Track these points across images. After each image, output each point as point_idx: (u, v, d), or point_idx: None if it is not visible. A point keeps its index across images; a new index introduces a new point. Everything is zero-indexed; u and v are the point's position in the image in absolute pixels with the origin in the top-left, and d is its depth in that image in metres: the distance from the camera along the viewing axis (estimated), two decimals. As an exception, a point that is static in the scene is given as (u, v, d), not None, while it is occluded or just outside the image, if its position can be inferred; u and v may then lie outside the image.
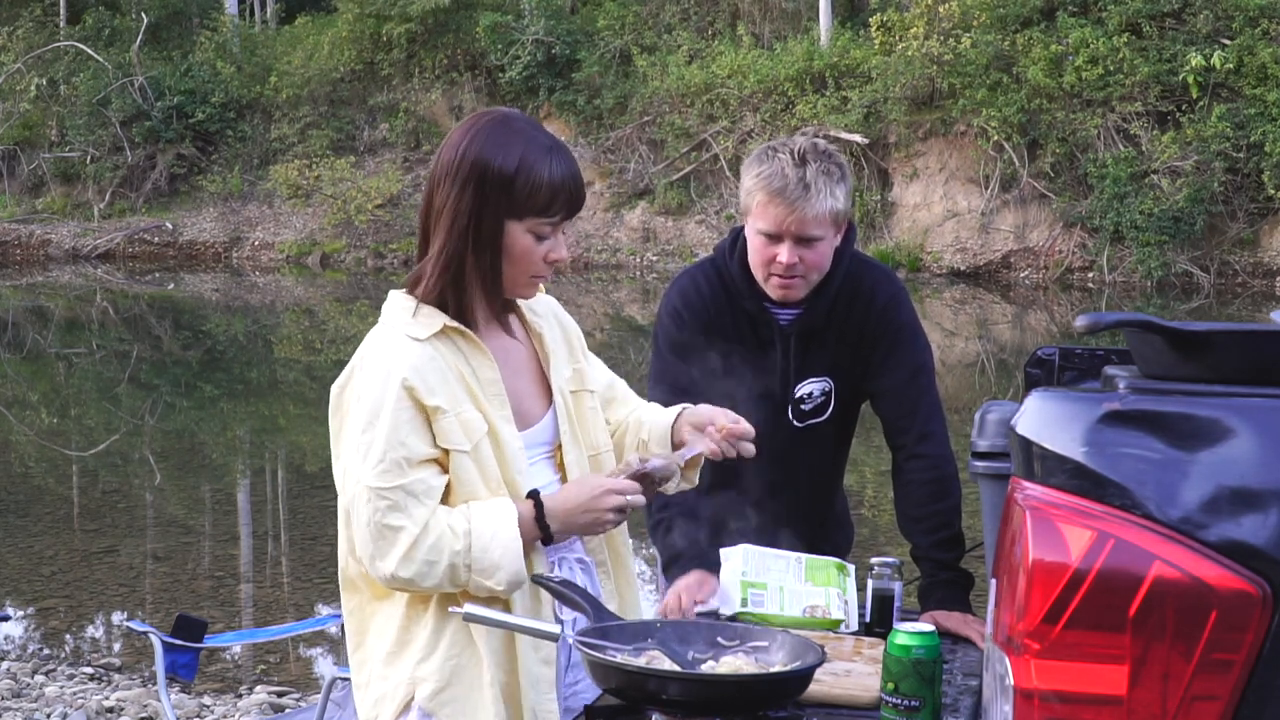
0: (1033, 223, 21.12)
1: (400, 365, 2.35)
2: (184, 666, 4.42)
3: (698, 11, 25.49)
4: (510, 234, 2.38)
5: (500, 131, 2.39)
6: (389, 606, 2.47)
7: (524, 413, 2.50)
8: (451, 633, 2.42)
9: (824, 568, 2.92)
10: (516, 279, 2.44)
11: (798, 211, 2.96)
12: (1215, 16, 20.43)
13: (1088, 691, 1.84)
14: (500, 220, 2.37)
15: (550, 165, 2.37)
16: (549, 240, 2.41)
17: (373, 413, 2.34)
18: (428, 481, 2.35)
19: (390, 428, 2.33)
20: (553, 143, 2.41)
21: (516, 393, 2.50)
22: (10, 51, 27.82)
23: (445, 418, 2.36)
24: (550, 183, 2.36)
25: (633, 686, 2.20)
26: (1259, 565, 1.81)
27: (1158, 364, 2.06)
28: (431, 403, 2.34)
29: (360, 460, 2.35)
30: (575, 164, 2.43)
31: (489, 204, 2.36)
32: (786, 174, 2.97)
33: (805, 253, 3.01)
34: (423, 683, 2.42)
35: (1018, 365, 14.00)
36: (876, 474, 9.05)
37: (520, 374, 2.53)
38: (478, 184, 2.36)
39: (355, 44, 26.30)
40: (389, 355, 2.37)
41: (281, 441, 12.16)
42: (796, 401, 3.18)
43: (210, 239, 25.76)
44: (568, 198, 2.39)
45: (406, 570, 2.32)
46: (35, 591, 7.50)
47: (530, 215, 2.37)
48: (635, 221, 23.43)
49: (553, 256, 2.42)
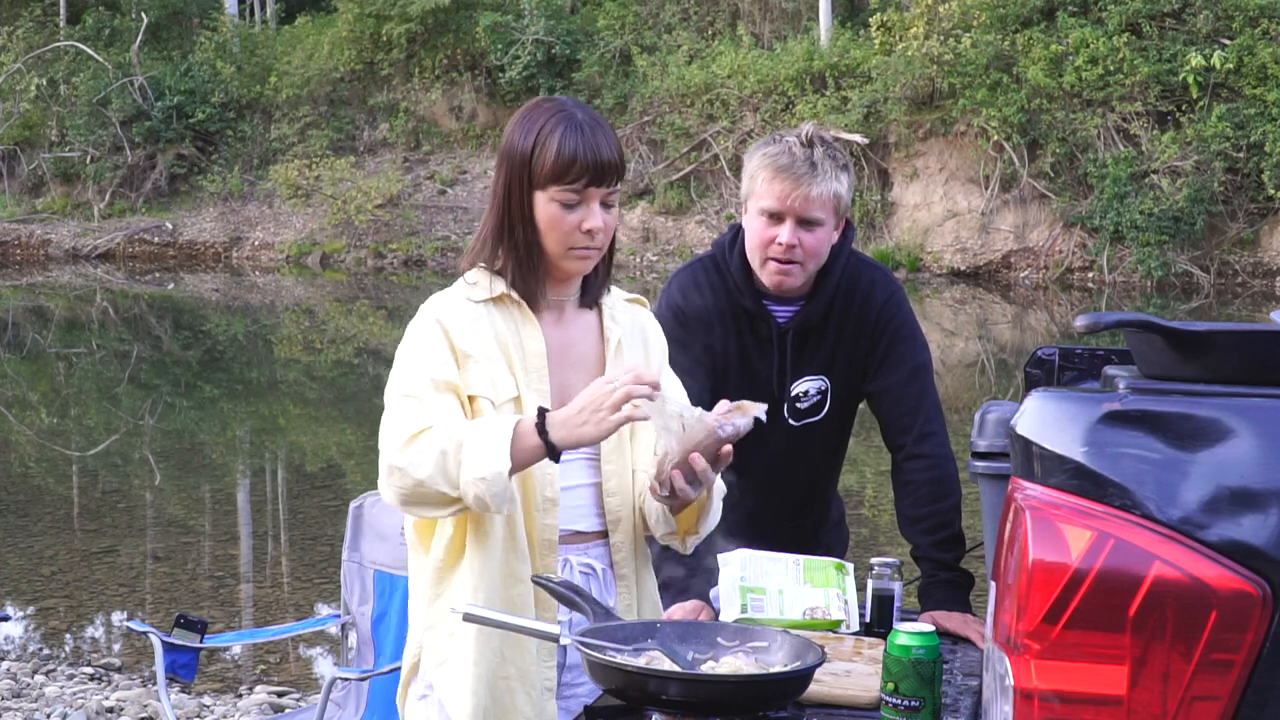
0: (1033, 223, 21.12)
1: (441, 311, 2.50)
2: (184, 666, 4.41)
3: (698, 11, 25.49)
4: (538, 204, 2.48)
5: (529, 113, 2.53)
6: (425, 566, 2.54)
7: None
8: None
9: (823, 568, 2.92)
10: (555, 250, 2.50)
11: (803, 187, 2.97)
12: (1215, 16, 20.43)
13: (1088, 691, 1.84)
14: (527, 193, 2.48)
15: (564, 135, 2.45)
16: (579, 209, 2.47)
17: (410, 344, 2.50)
18: (447, 403, 2.43)
19: (422, 353, 2.47)
20: (580, 116, 2.48)
21: (565, 384, 2.53)
22: (10, 51, 27.81)
23: (475, 365, 2.46)
24: (561, 150, 2.44)
25: (633, 686, 2.20)
26: (1259, 565, 1.81)
27: (1158, 364, 2.06)
28: (464, 349, 2.47)
29: (394, 377, 2.49)
30: (600, 135, 2.48)
31: (516, 179, 2.49)
32: (794, 152, 3.00)
33: (805, 236, 3.01)
34: (428, 649, 2.52)
35: (1018, 365, 14.00)
36: (876, 474, 9.05)
37: (576, 369, 2.56)
38: (508, 163, 2.51)
39: (355, 44, 26.30)
40: (436, 305, 2.52)
41: (281, 441, 12.16)
42: (792, 400, 3.17)
43: (210, 239, 25.75)
44: (585, 166, 2.45)
45: (402, 459, 2.37)
46: (35, 591, 7.50)
47: (551, 184, 2.46)
48: (635, 221, 23.43)
49: (586, 225, 2.47)
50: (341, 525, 4.32)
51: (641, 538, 2.64)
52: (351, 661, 4.19)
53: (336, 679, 4.06)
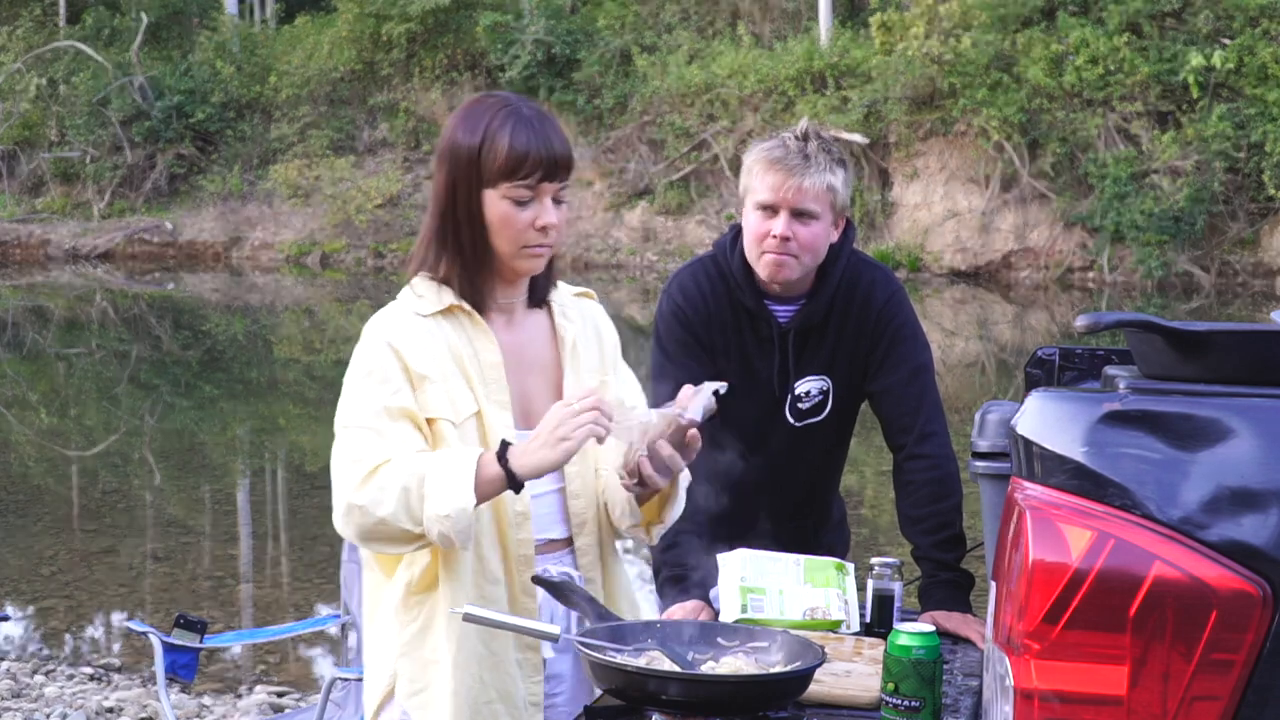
0: (1033, 223, 21.12)
1: (392, 332, 2.41)
2: (184, 666, 4.41)
3: (698, 11, 25.49)
4: (488, 203, 2.40)
5: (472, 109, 2.44)
6: (390, 590, 2.47)
7: (530, 414, 2.47)
8: (435, 635, 2.42)
9: (823, 568, 2.91)
10: (506, 249, 2.42)
11: (795, 178, 2.98)
12: (1215, 16, 20.43)
13: (1088, 692, 1.84)
14: (475, 191, 2.40)
15: (513, 130, 2.37)
16: (532, 206, 2.39)
17: (360, 370, 2.41)
18: (404, 432, 2.36)
19: (373, 380, 2.39)
20: (527, 111, 2.41)
21: (525, 391, 2.48)
22: (10, 51, 27.81)
23: (432, 387, 2.39)
24: (513, 146, 2.36)
25: (633, 686, 2.20)
26: (1259, 565, 1.81)
27: (1158, 364, 2.06)
28: (419, 370, 2.39)
29: (343, 406, 2.41)
30: (550, 130, 2.41)
31: (463, 178, 2.40)
32: (788, 145, 3.03)
33: (799, 229, 3.01)
34: (402, 678, 2.44)
35: (1018, 365, 14.00)
36: (876, 474, 9.05)
37: (534, 373, 2.51)
38: (451, 161, 2.41)
39: (355, 44, 26.30)
40: (384, 325, 2.44)
41: (281, 441, 12.16)
42: (794, 400, 3.17)
43: (210, 239, 25.75)
44: (538, 161, 2.37)
45: (362, 496, 2.30)
46: (35, 591, 7.50)
47: (502, 181, 2.37)
48: (635, 221, 23.43)
49: (540, 222, 2.39)
50: (341, 525, 4.31)
51: (609, 538, 2.58)
52: (351, 661, 4.19)
53: (336, 679, 4.06)
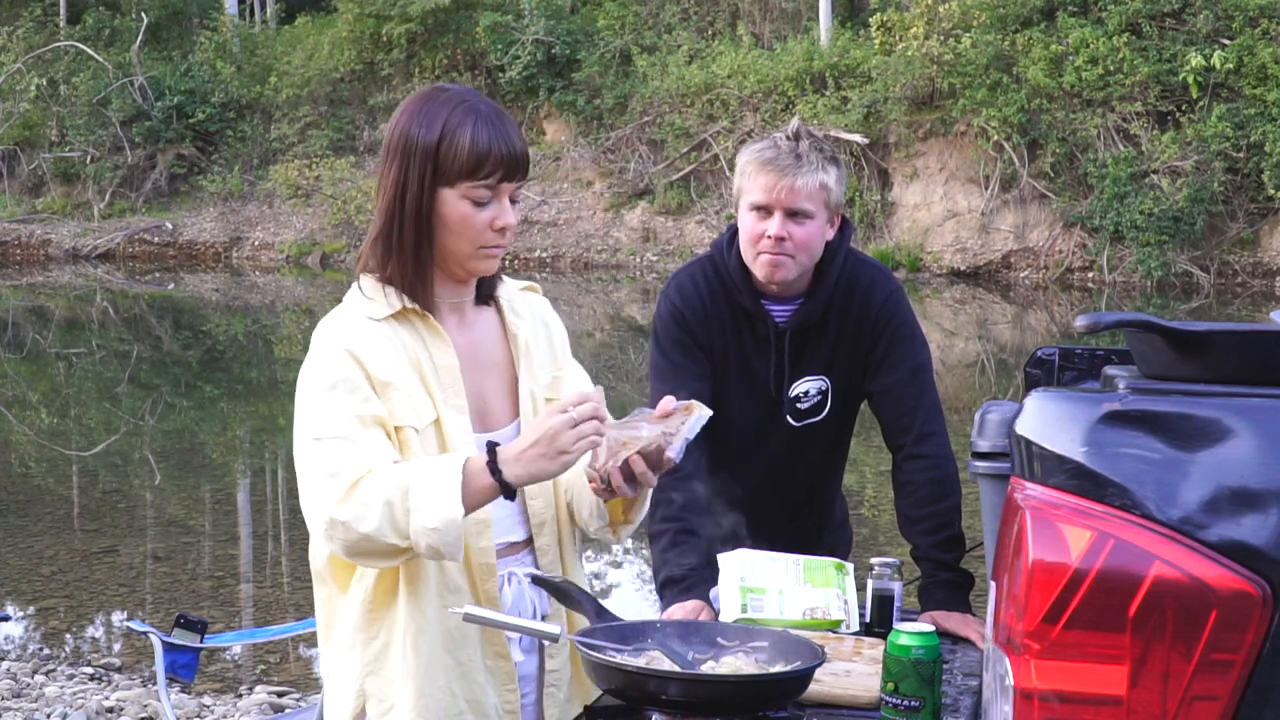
0: (1033, 223, 21.12)
1: (351, 339, 2.33)
2: (184, 666, 4.41)
3: (698, 11, 25.49)
4: (445, 202, 2.32)
5: (426, 103, 2.35)
6: (348, 605, 2.40)
7: (486, 414, 2.43)
8: (397, 651, 2.37)
9: (823, 568, 2.92)
10: (463, 250, 2.35)
11: (787, 178, 2.98)
12: (1215, 16, 20.43)
13: (1088, 691, 1.84)
14: (431, 190, 2.31)
15: (474, 128, 2.29)
16: (491, 207, 2.32)
17: (321, 379, 2.32)
18: (378, 441, 2.28)
19: (339, 389, 2.30)
20: (485, 108, 2.34)
21: (480, 392, 2.43)
22: (10, 51, 27.82)
23: (396, 393, 2.32)
24: (475, 144, 2.29)
25: (633, 686, 2.20)
26: (1259, 565, 1.81)
27: (1158, 364, 2.06)
28: (381, 377, 2.31)
29: (309, 418, 2.31)
30: (508, 127, 2.35)
31: (417, 175, 2.31)
32: (779, 146, 3.03)
33: (794, 228, 3.01)
34: (371, 698, 2.38)
35: (1018, 365, 14.00)
36: (876, 474, 9.05)
37: (488, 373, 2.46)
38: (404, 156, 2.32)
39: (355, 44, 26.30)
40: (340, 332, 2.35)
41: (282, 442, 12.15)
42: (792, 400, 3.17)
43: (210, 239, 25.76)
44: (499, 160, 2.30)
45: (344, 512, 2.21)
46: (35, 591, 7.50)
47: (461, 180, 2.30)
48: (635, 221, 23.43)
49: (499, 224, 2.33)
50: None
51: (568, 536, 2.53)
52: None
53: (336, 679, 4.06)
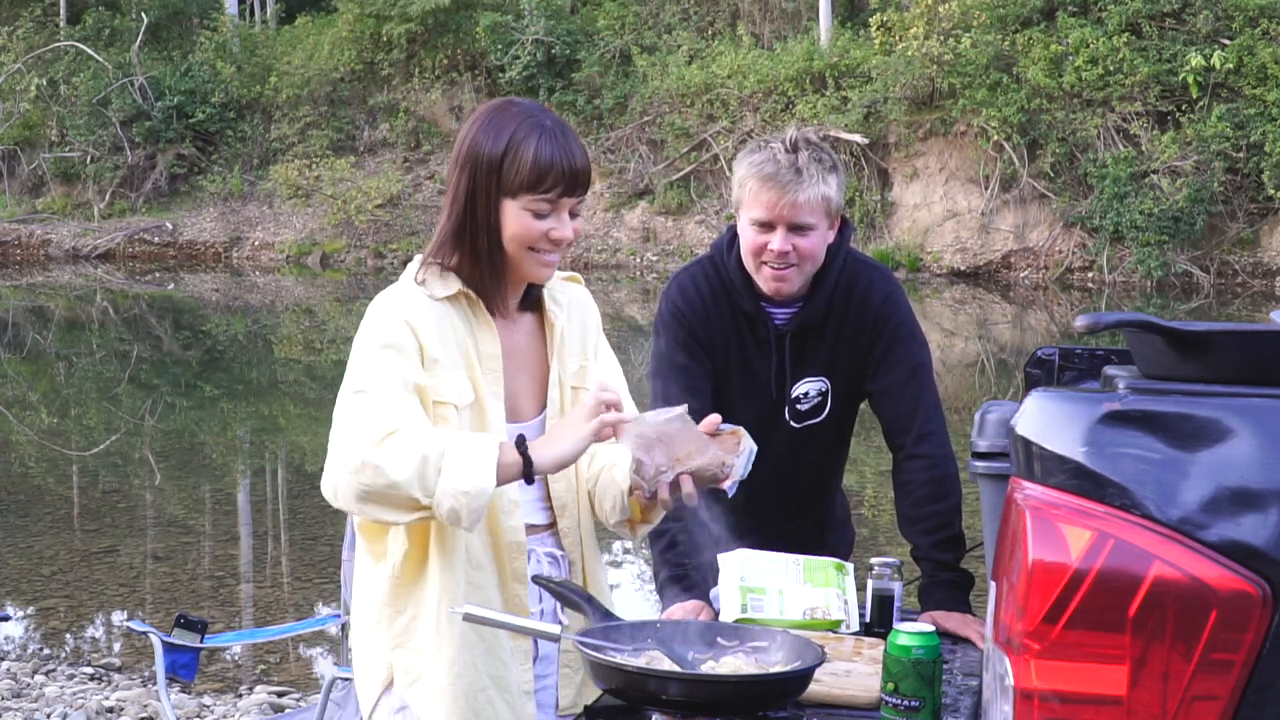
0: (1033, 223, 21.12)
1: (409, 311, 2.42)
2: (184, 666, 4.41)
3: (698, 11, 25.49)
4: (506, 212, 2.41)
5: (496, 116, 2.45)
6: (377, 578, 2.48)
7: (515, 409, 2.51)
8: (426, 624, 2.44)
9: (823, 568, 2.92)
10: (521, 259, 2.44)
11: (789, 195, 2.97)
12: (1215, 16, 20.43)
13: (1088, 692, 1.84)
14: (494, 200, 2.41)
15: (539, 143, 2.39)
16: (550, 219, 2.42)
17: (376, 339, 2.40)
18: (417, 408, 2.36)
19: (392, 351, 2.38)
20: (550, 123, 2.43)
21: (513, 387, 2.51)
22: (10, 51, 27.81)
23: (442, 370, 2.41)
24: (537, 159, 2.38)
25: (633, 686, 2.20)
26: (1259, 565, 1.81)
27: (1158, 364, 2.06)
28: (432, 353, 2.40)
29: (358, 372, 2.38)
30: (573, 143, 2.43)
31: (482, 185, 2.41)
32: (779, 159, 2.99)
33: (798, 241, 3.01)
34: (399, 669, 2.47)
35: (1018, 365, 14.00)
36: (876, 474, 9.05)
37: (522, 370, 2.54)
38: (472, 167, 2.42)
39: (355, 44, 26.30)
40: (401, 303, 2.44)
41: (281, 441, 12.16)
42: (793, 402, 3.17)
43: (210, 239, 25.75)
44: (560, 175, 2.39)
45: (378, 456, 2.26)
46: (35, 591, 7.50)
47: (523, 193, 2.39)
48: (635, 221, 23.43)
49: (555, 235, 2.42)
50: (341, 525, 4.32)
51: (588, 521, 2.60)
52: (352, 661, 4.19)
53: (336, 679, 4.07)
